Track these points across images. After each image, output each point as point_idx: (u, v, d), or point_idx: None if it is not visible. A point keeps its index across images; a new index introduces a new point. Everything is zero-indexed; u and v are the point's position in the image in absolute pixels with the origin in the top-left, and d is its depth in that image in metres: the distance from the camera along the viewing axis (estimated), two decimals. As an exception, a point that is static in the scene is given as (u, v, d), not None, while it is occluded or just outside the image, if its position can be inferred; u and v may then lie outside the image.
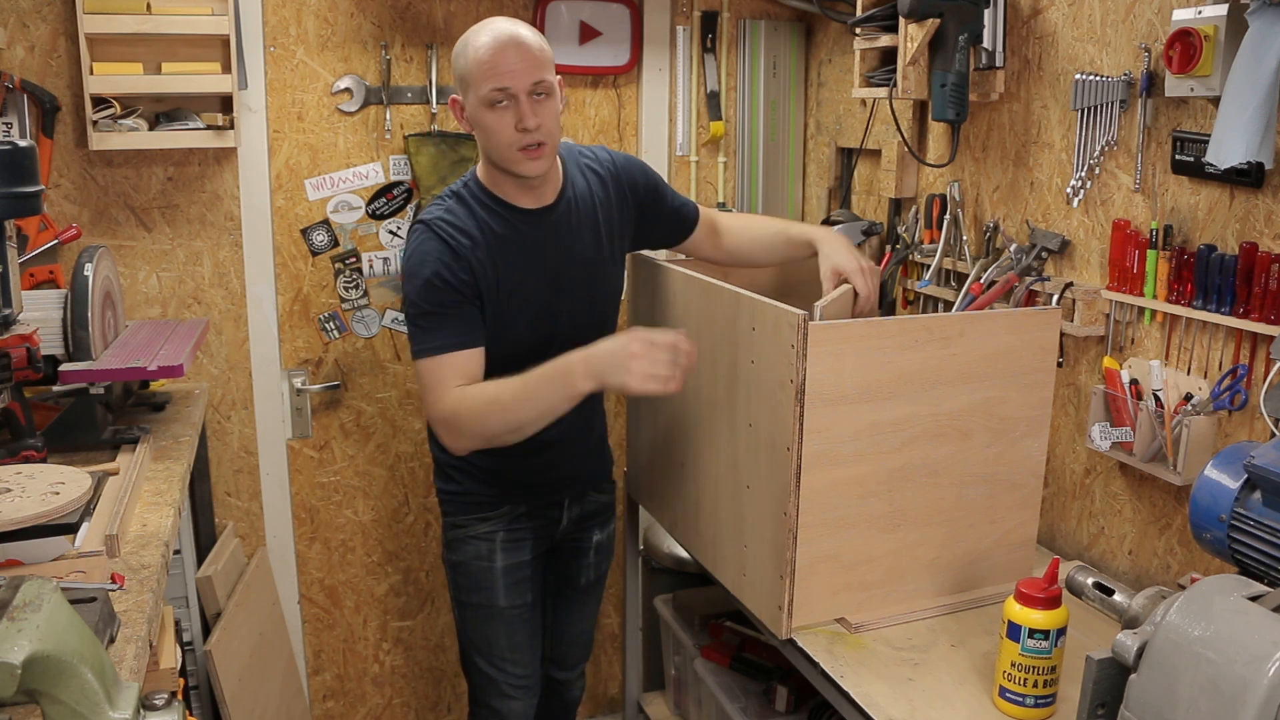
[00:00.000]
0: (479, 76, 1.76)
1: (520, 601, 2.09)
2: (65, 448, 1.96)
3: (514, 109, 1.76)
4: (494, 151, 1.82)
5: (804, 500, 1.61)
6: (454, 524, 2.08)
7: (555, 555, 2.21)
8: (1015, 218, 2.15)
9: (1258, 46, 1.48)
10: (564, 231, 1.92)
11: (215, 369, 2.57)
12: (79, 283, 2.00)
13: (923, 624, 1.72)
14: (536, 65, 1.76)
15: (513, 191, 1.88)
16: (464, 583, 2.09)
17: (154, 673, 1.60)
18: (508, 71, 1.74)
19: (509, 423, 1.76)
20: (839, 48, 2.75)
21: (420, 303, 1.82)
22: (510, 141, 1.77)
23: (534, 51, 1.77)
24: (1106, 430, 1.83)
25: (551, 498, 2.10)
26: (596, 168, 2.00)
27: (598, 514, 2.21)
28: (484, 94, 1.76)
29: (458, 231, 1.83)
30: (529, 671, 2.15)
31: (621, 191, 2.02)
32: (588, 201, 1.96)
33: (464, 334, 1.82)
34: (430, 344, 1.81)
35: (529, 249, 1.88)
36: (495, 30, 1.77)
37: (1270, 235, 1.60)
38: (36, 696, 1.00)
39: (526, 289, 1.88)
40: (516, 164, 1.80)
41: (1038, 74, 2.05)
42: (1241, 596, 1.14)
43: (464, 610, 2.12)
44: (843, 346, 1.58)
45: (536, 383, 1.72)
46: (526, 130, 1.76)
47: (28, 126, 2.26)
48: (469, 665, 2.17)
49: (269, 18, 2.45)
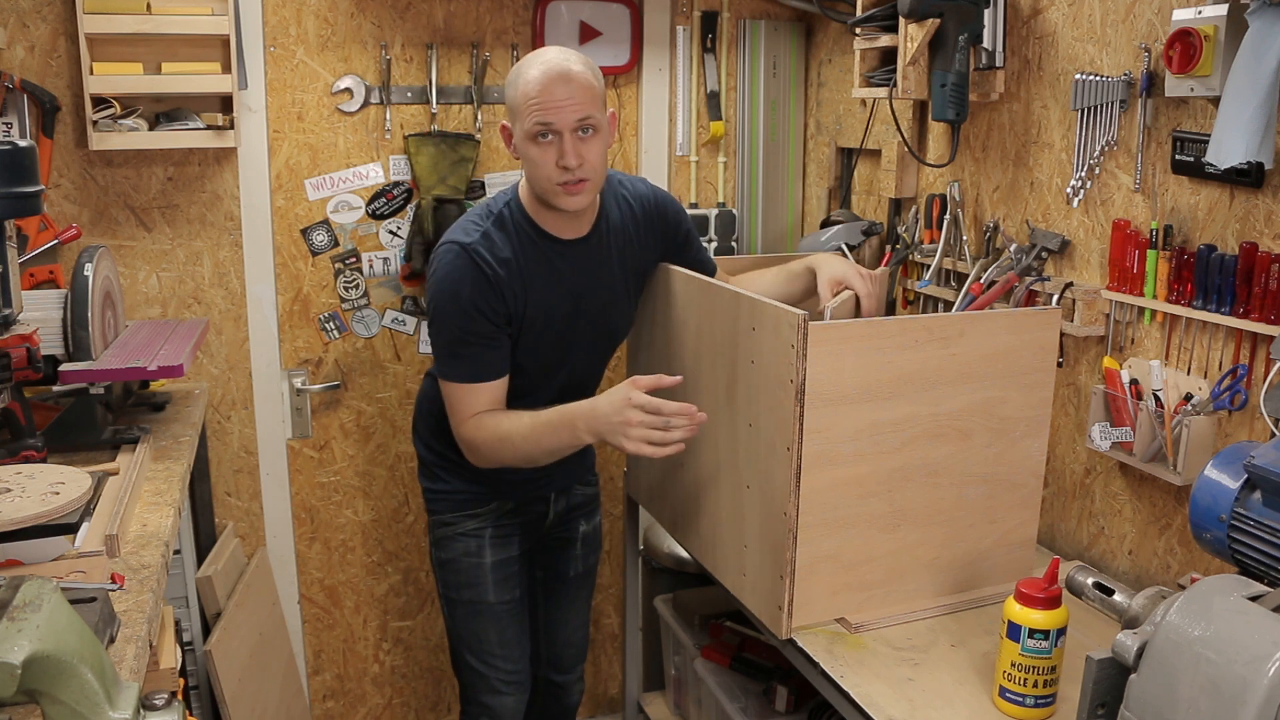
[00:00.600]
0: (525, 109, 1.76)
1: (509, 597, 2.12)
2: (65, 448, 1.96)
3: (557, 145, 1.76)
4: (536, 183, 1.83)
5: (804, 500, 1.61)
6: (442, 522, 2.10)
7: (543, 549, 2.24)
8: (1015, 218, 2.15)
9: (1258, 46, 1.48)
10: (592, 264, 1.94)
11: (215, 369, 2.57)
12: (79, 283, 2.00)
13: (923, 624, 1.72)
14: (584, 102, 1.75)
15: (551, 221, 1.89)
16: (453, 580, 2.11)
17: (154, 673, 1.60)
18: (553, 107, 1.74)
19: (519, 458, 1.87)
20: (839, 48, 2.75)
21: (454, 329, 1.84)
22: (551, 176, 1.78)
23: (582, 87, 1.76)
24: (1106, 430, 1.83)
25: (538, 493, 2.13)
26: (632, 201, 2.01)
27: (583, 505, 2.25)
28: (528, 127, 1.76)
29: (496, 261, 1.83)
30: (519, 667, 2.16)
31: (653, 231, 2.03)
32: (619, 236, 1.98)
33: (495, 365, 1.88)
34: (461, 372, 1.87)
35: (557, 278, 1.90)
36: (546, 62, 1.77)
37: (1270, 235, 1.60)
38: (36, 696, 1.00)
39: (549, 315, 1.91)
40: (555, 197, 1.81)
41: (1038, 74, 2.05)
42: (1241, 596, 1.14)
43: (453, 608, 2.14)
44: (843, 346, 1.58)
45: (543, 429, 1.81)
46: (567, 169, 1.76)
47: (28, 126, 2.26)
48: (460, 663, 2.18)
49: (269, 18, 2.45)
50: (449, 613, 2.16)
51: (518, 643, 2.16)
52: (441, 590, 2.16)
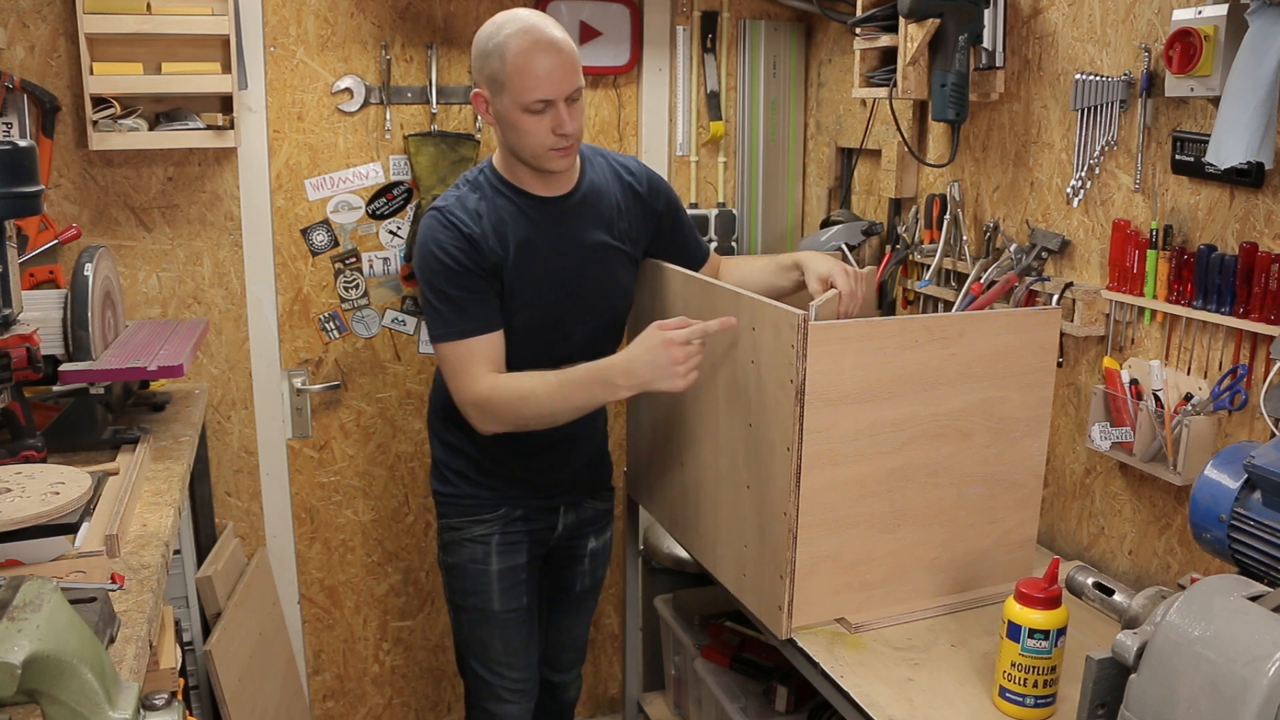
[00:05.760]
0: (519, 84, 1.75)
1: (515, 605, 2.09)
2: (65, 448, 1.96)
3: (552, 114, 1.77)
4: (524, 150, 1.83)
5: (804, 500, 1.61)
6: (450, 526, 2.08)
7: (550, 562, 2.21)
8: (1015, 218, 2.15)
9: (1258, 46, 1.48)
10: (579, 219, 1.94)
11: (215, 369, 2.57)
12: (79, 283, 2.00)
13: (923, 624, 1.72)
14: (574, 71, 1.78)
15: (530, 180, 1.89)
16: (459, 585, 2.09)
17: (154, 673, 1.60)
18: (550, 81, 1.75)
19: (543, 416, 1.82)
20: (839, 48, 2.75)
21: (439, 287, 1.83)
22: (544, 143, 1.80)
23: (569, 55, 1.77)
24: (1106, 430, 1.83)
25: (548, 502, 2.10)
26: (622, 170, 2.02)
27: (594, 521, 2.21)
28: (525, 101, 1.76)
29: (469, 216, 1.84)
30: (525, 675, 2.14)
31: (644, 200, 2.03)
32: (606, 195, 1.98)
33: (485, 318, 1.85)
34: (452, 328, 1.84)
35: (543, 234, 1.90)
36: (529, 32, 1.76)
37: (1270, 235, 1.60)
38: (36, 696, 1.00)
39: (540, 274, 1.89)
40: (548, 161, 1.83)
41: (1038, 74, 2.05)
42: (1241, 596, 1.14)
43: (459, 613, 2.12)
44: (843, 346, 1.58)
45: (573, 387, 1.78)
46: (564, 135, 1.78)
47: (28, 126, 2.26)
48: (465, 668, 2.17)
49: (269, 18, 2.45)
50: (455, 618, 2.15)
51: (524, 651, 2.13)
52: (448, 595, 2.15)
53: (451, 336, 1.84)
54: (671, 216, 2.08)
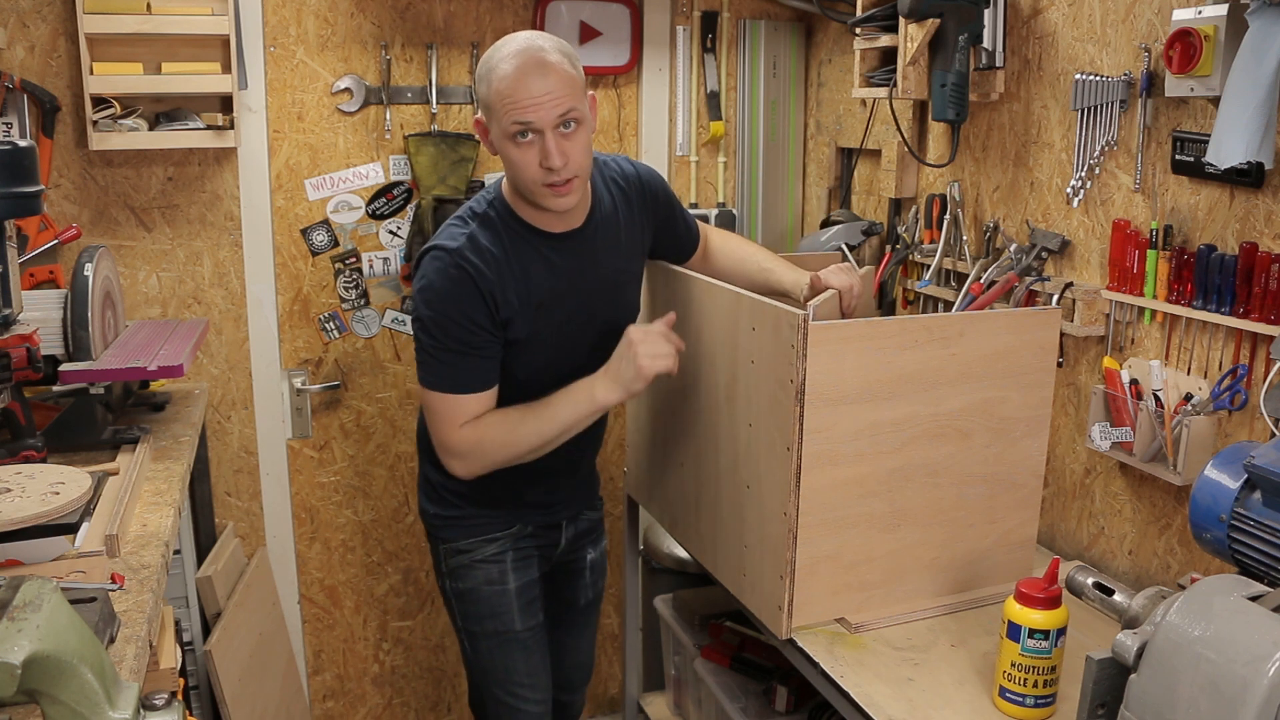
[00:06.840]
0: (500, 108, 1.61)
1: (534, 622, 2.00)
2: (65, 448, 1.96)
3: (539, 144, 1.62)
4: (519, 185, 1.70)
5: (804, 500, 1.61)
6: (456, 550, 1.96)
7: (552, 579, 2.14)
8: (1015, 218, 2.15)
9: (1258, 46, 1.48)
10: (593, 255, 1.83)
11: (215, 369, 2.57)
12: (79, 283, 2.00)
13: (923, 624, 1.72)
14: (564, 94, 1.61)
15: (541, 216, 1.76)
16: (473, 611, 1.97)
17: (154, 673, 1.60)
18: (531, 104, 1.59)
19: (533, 445, 1.77)
20: (839, 48, 2.75)
21: (440, 338, 1.72)
22: (535, 177, 1.65)
23: (561, 78, 1.61)
24: (1106, 430, 1.83)
25: (552, 518, 2.04)
26: (621, 182, 1.90)
27: (590, 532, 2.17)
28: (506, 126, 1.62)
29: (484, 263, 1.70)
30: (546, 696, 2.06)
31: (644, 206, 1.93)
32: (614, 221, 1.87)
33: (483, 375, 1.75)
34: (445, 381, 1.74)
35: (557, 275, 1.78)
36: (519, 53, 1.61)
37: (1270, 235, 1.60)
38: (36, 696, 1.00)
39: (554, 315, 1.80)
40: (543, 199, 1.69)
41: (1038, 74, 2.05)
42: (1241, 596, 1.14)
43: (476, 641, 1.99)
44: (843, 346, 1.58)
45: (559, 403, 1.75)
46: (552, 169, 1.63)
47: (28, 126, 2.26)
48: (485, 699, 2.04)
49: (269, 18, 2.45)
50: (470, 646, 2.01)
51: (544, 670, 2.04)
52: (460, 623, 2.00)
53: (443, 388, 1.74)
54: (666, 210, 1.99)
